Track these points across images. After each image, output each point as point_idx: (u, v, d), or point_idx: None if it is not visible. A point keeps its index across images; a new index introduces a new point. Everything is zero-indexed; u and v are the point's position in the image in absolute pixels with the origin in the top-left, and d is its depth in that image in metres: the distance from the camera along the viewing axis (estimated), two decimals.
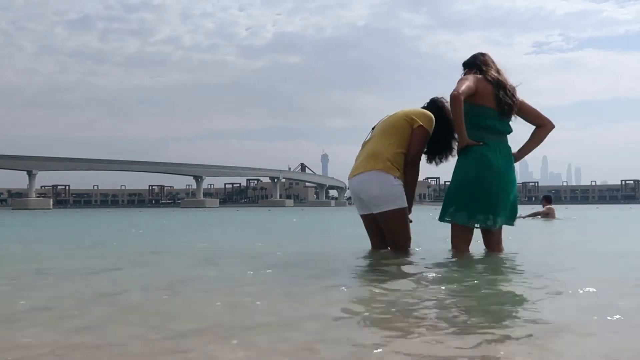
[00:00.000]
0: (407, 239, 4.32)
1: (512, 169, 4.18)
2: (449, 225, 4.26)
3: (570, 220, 13.71)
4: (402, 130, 4.27)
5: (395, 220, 4.25)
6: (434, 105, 4.45)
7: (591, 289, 2.79)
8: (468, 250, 4.23)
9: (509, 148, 4.22)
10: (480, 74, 4.17)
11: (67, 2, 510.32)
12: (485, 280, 3.20)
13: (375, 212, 4.27)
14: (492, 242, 4.28)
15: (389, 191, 4.17)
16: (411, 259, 4.10)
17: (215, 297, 2.73)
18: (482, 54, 4.34)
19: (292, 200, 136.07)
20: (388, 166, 4.18)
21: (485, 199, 4.08)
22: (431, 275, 3.32)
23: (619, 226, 12.63)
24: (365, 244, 4.66)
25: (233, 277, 3.47)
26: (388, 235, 4.34)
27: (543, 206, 14.46)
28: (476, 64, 4.25)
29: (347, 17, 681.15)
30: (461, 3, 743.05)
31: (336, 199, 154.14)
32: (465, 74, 4.25)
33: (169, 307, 2.55)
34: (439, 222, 4.33)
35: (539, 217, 13.86)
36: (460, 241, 4.21)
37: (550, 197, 14.89)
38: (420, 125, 4.24)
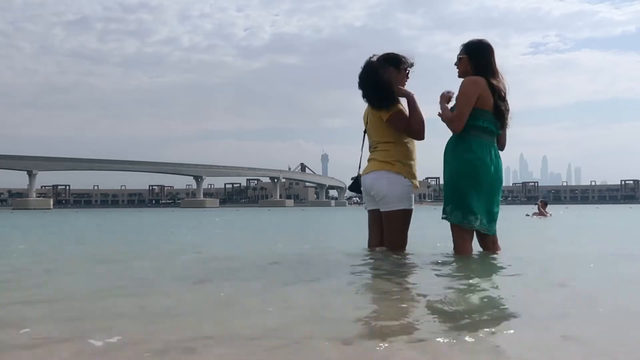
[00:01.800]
0: (404, 241, 4.43)
1: (502, 172, 4.23)
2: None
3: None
4: (387, 129, 4.38)
5: (398, 220, 4.38)
6: (368, 68, 4.37)
7: (585, 287, 2.85)
8: (470, 250, 4.21)
9: (498, 150, 4.25)
10: (478, 69, 4.12)
11: (65, 3, 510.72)
12: (480, 280, 3.21)
13: (382, 209, 4.40)
14: (488, 242, 4.28)
15: (398, 190, 4.33)
16: (412, 259, 4.14)
17: None
18: (490, 49, 4.19)
19: (292, 200, 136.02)
20: (399, 167, 4.36)
21: (479, 199, 4.09)
22: (428, 275, 3.42)
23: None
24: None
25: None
26: (387, 233, 4.42)
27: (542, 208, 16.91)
28: (481, 60, 4.13)
29: (344, 17, 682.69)
30: (458, 4, 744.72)
31: (336, 199, 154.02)
32: (461, 59, 4.18)
33: None
34: (441, 220, 4.35)
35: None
36: (460, 240, 4.19)
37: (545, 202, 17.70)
38: (390, 114, 4.32)
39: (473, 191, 4.09)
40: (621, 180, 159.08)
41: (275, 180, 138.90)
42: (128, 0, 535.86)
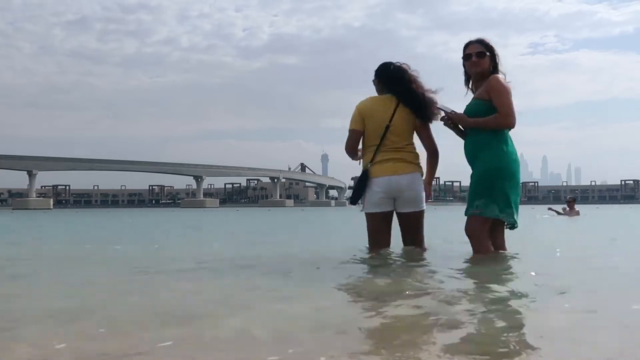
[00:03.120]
0: (423, 236, 4.59)
1: None
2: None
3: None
4: (413, 128, 4.47)
5: (422, 219, 4.53)
6: (395, 72, 4.46)
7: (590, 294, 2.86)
8: (491, 248, 4.13)
9: None
10: (495, 67, 4.14)
11: (64, 3, 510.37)
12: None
13: (409, 210, 4.43)
14: (499, 239, 4.23)
15: (423, 191, 4.49)
16: (440, 259, 4.15)
17: None
18: (482, 40, 4.20)
19: (292, 200, 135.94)
20: (421, 170, 4.49)
21: (514, 192, 4.10)
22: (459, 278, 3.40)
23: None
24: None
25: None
26: (412, 232, 4.52)
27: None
28: (496, 59, 4.15)
29: (343, 18, 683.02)
30: (457, 4, 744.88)
31: (336, 199, 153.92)
32: (485, 56, 4.13)
33: None
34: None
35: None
36: (485, 237, 4.09)
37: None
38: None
39: (510, 184, 4.08)
40: (621, 180, 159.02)
41: (275, 180, 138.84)
42: (127, 0, 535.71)
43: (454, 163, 4.57)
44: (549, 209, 18.36)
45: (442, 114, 4.28)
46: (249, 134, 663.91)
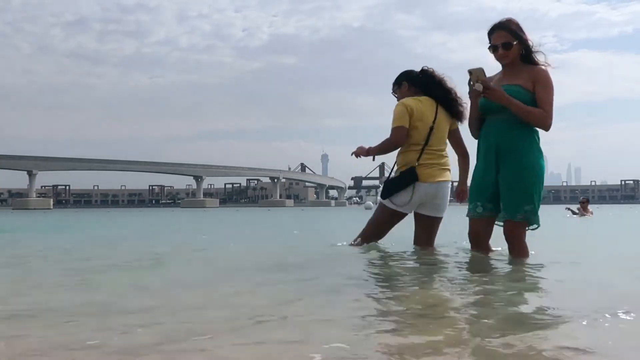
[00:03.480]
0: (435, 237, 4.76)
1: None
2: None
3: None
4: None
5: (440, 223, 4.69)
6: (427, 74, 4.58)
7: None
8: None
9: None
10: (528, 55, 3.78)
11: (63, 3, 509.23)
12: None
13: (434, 215, 4.57)
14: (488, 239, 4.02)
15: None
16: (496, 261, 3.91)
17: None
18: (507, 25, 3.78)
19: (292, 200, 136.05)
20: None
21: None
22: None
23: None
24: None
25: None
26: (429, 233, 4.64)
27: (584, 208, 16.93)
28: (522, 39, 3.76)
29: (342, 18, 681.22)
30: (455, 4, 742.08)
31: (336, 199, 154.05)
32: (513, 47, 3.72)
33: None
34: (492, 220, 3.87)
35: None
36: (525, 240, 3.85)
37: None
38: (457, 127, 4.60)
39: (542, 188, 3.79)
40: (621, 180, 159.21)
41: (275, 180, 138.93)
42: (126, 1, 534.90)
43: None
44: (567, 208, 18.49)
45: (478, 85, 3.63)
46: (248, 134, 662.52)
